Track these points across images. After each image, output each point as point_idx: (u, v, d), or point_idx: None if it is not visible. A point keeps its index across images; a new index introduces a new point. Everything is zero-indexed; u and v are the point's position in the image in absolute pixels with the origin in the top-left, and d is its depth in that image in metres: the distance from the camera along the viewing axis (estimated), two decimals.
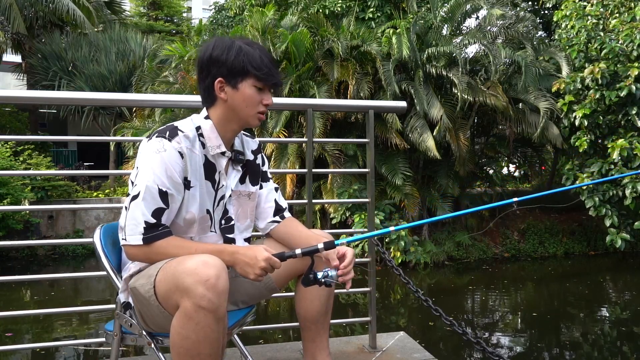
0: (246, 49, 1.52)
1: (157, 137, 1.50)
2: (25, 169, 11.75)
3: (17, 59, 17.21)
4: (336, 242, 1.50)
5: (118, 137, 11.77)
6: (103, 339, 1.63)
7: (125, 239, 1.45)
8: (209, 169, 1.56)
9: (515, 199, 1.68)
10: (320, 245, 1.48)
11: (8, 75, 18.21)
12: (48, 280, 8.75)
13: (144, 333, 1.50)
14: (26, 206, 9.46)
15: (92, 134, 16.12)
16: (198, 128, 1.56)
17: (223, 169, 1.60)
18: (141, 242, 1.43)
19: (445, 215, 1.87)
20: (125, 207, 1.50)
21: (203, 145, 1.55)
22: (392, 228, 1.57)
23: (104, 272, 1.58)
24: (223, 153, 1.58)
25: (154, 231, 1.44)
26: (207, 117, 1.58)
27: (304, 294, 1.72)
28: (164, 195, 1.45)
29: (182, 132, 1.51)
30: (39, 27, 15.84)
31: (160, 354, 1.50)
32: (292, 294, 1.78)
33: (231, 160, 1.62)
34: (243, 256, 1.42)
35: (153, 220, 1.44)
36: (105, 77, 14.69)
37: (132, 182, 1.51)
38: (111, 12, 18.16)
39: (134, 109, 12.45)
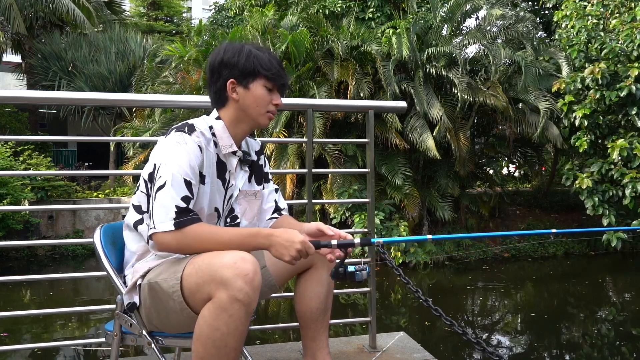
0: (256, 52, 1.58)
1: (176, 131, 1.52)
2: (25, 169, 11.75)
3: (17, 59, 17.22)
4: (372, 240, 1.54)
5: (118, 137, 11.78)
6: (103, 339, 1.63)
7: (154, 227, 1.41)
8: (220, 168, 1.59)
9: (553, 231, 1.69)
10: (357, 240, 1.51)
11: (8, 75, 18.21)
12: (48, 280, 8.74)
13: (144, 333, 1.50)
14: (26, 206, 9.47)
15: (92, 134, 16.12)
16: (211, 127, 1.59)
17: (234, 168, 1.63)
18: (172, 228, 1.40)
19: (485, 234, 1.86)
20: (133, 205, 1.54)
21: (215, 144, 1.58)
22: (429, 237, 1.59)
23: (104, 272, 1.58)
24: (234, 153, 1.61)
25: (185, 216, 1.42)
26: (218, 118, 1.61)
27: (304, 292, 1.73)
28: (188, 184, 1.46)
29: (199, 129, 1.54)
30: (39, 27, 15.85)
31: (160, 354, 1.50)
32: (292, 294, 1.79)
33: (240, 160, 1.65)
34: (279, 238, 1.43)
35: (184, 205, 1.43)
36: (105, 77, 14.69)
37: (145, 180, 1.53)
38: (111, 12, 18.16)
39: (134, 109, 12.47)
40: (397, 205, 10.04)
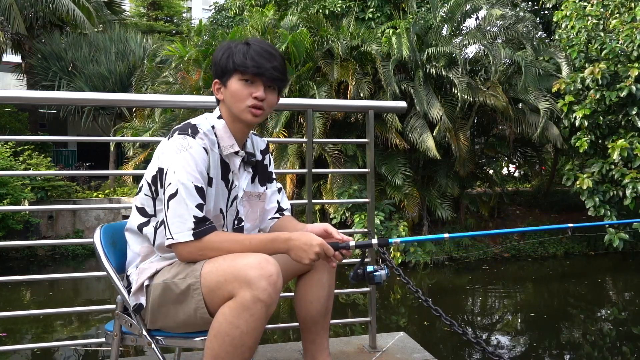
0: (236, 48, 1.54)
1: (178, 134, 1.49)
2: (25, 169, 11.75)
3: (17, 59, 17.21)
4: (390, 240, 1.54)
5: (118, 137, 11.78)
6: (103, 340, 1.62)
7: (172, 238, 1.42)
8: (224, 169, 1.57)
9: (570, 225, 1.67)
10: (374, 241, 1.52)
11: (8, 75, 18.21)
12: (48, 280, 8.75)
13: (144, 333, 1.50)
14: (26, 206, 9.46)
15: (92, 134, 16.13)
16: (213, 127, 1.57)
17: (237, 169, 1.60)
18: (192, 238, 1.41)
19: (509, 230, 1.85)
20: (136, 207, 1.53)
21: (218, 144, 1.56)
22: (446, 235, 1.57)
23: (104, 272, 1.58)
24: (236, 153, 1.59)
25: (203, 225, 1.43)
26: (220, 117, 1.60)
27: (304, 296, 1.72)
28: (200, 190, 1.45)
29: (202, 130, 1.52)
30: (38, 28, 15.84)
31: (160, 354, 1.50)
32: (292, 294, 1.78)
33: (243, 161, 1.63)
34: (297, 241, 1.44)
35: (200, 214, 1.43)
36: (105, 77, 14.69)
37: (149, 183, 1.52)
38: (111, 13, 18.17)
39: (134, 109, 12.46)
40: (397, 205, 10.03)
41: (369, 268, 1.50)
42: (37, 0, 14.91)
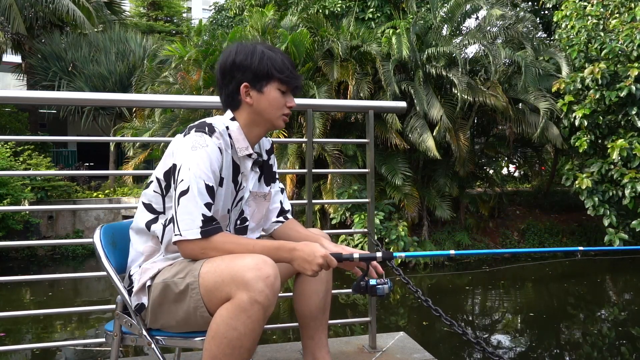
0: (269, 53, 1.55)
1: (195, 131, 1.49)
2: (25, 169, 11.75)
3: (17, 59, 17.22)
4: (395, 254, 1.54)
5: (118, 137, 11.79)
6: (103, 340, 1.62)
7: (180, 234, 1.43)
8: (235, 170, 1.58)
9: (580, 248, 1.68)
10: (379, 254, 1.52)
11: (8, 76, 18.22)
12: (48, 280, 8.75)
13: (144, 333, 1.50)
14: (26, 206, 9.47)
15: (92, 134, 16.13)
16: (227, 128, 1.56)
17: (247, 170, 1.61)
18: (199, 236, 1.42)
19: (518, 250, 1.86)
20: (143, 203, 1.54)
21: (231, 146, 1.56)
22: (452, 252, 1.57)
23: (104, 272, 1.58)
24: (249, 155, 1.60)
25: (210, 225, 1.44)
26: (233, 119, 1.59)
27: (302, 291, 1.73)
28: (210, 190, 1.46)
29: (217, 129, 1.52)
30: (38, 28, 15.85)
31: (160, 354, 1.50)
32: (291, 294, 1.79)
33: (253, 162, 1.64)
34: (301, 252, 1.45)
35: (209, 213, 1.44)
36: (105, 77, 14.70)
37: (159, 179, 1.52)
38: (111, 13, 18.18)
39: (134, 109, 12.47)
40: (397, 205, 10.04)
41: (372, 281, 1.50)
42: (37, 1, 14.91)
